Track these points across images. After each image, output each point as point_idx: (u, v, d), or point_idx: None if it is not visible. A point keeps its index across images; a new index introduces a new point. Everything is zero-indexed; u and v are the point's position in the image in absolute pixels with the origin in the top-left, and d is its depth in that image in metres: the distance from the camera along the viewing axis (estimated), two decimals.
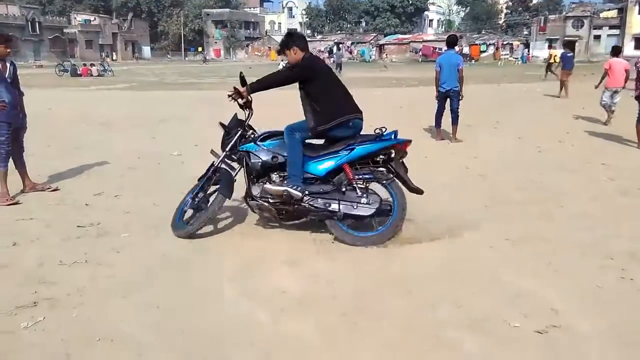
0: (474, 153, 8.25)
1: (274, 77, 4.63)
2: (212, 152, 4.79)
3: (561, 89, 17.09)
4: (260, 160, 4.49)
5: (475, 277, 3.79)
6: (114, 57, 69.50)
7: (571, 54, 18.44)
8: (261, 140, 4.57)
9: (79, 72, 33.11)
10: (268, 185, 4.43)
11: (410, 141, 4.50)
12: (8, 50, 5.62)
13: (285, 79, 4.60)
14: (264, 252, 4.27)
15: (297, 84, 4.56)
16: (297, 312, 3.30)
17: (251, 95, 4.49)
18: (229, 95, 4.48)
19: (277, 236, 4.59)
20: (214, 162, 4.67)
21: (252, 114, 4.67)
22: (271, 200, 4.44)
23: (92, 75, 32.85)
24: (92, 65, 35.32)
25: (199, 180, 4.71)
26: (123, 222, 4.97)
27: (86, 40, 69.97)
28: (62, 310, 3.28)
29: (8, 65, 5.65)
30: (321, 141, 4.62)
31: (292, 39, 4.63)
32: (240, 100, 4.49)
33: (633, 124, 8.53)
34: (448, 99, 9.13)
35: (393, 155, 4.47)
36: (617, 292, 3.54)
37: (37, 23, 64.25)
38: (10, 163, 5.73)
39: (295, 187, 4.33)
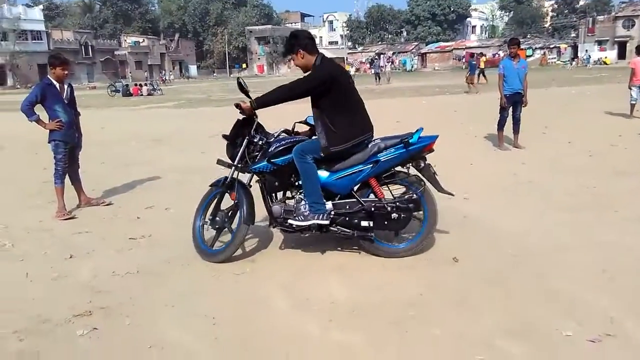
0: (522, 159, 8.06)
1: (285, 89, 4.03)
2: (219, 161, 4.42)
3: (470, 87, 22.78)
4: (277, 180, 4.23)
5: (527, 284, 3.69)
6: (170, 77, 70.48)
7: (474, 62, 25.45)
8: (274, 157, 4.15)
9: (130, 92, 34.35)
10: (293, 221, 4.12)
11: (436, 137, 4.12)
12: (65, 72, 5.92)
13: (298, 92, 4.03)
14: (311, 262, 4.30)
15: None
16: (347, 322, 3.29)
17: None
18: (236, 105, 4.16)
19: (322, 245, 4.60)
20: (226, 176, 4.35)
21: (256, 119, 4.26)
22: (296, 228, 4.19)
23: (142, 94, 34.01)
24: (142, 85, 36.60)
25: (211, 186, 4.49)
26: (173, 234, 5.12)
27: (136, 61, 72.68)
28: (115, 318, 3.40)
29: (65, 87, 5.96)
30: None
31: (297, 40, 4.08)
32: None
33: None
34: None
35: (421, 164, 4.14)
36: None
37: (89, 47, 67.39)
38: (67, 180, 6.02)
39: (321, 217, 4.04)
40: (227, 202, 4.46)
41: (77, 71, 61.66)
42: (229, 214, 4.39)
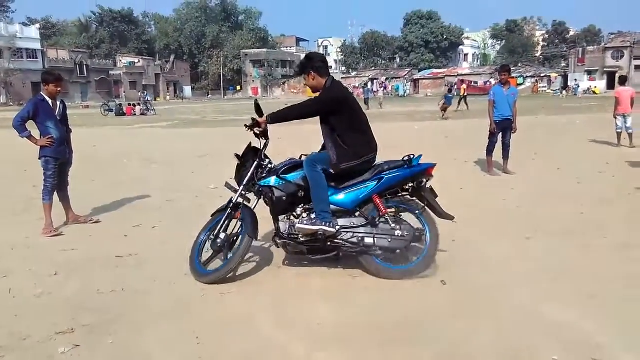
0: (511, 185, 8.13)
1: (297, 108, 4.29)
2: (227, 185, 4.56)
3: (443, 115, 24.35)
4: (286, 195, 4.25)
5: (514, 308, 3.69)
6: (165, 96, 71.28)
7: (450, 95, 26.42)
8: (283, 173, 4.30)
9: (123, 112, 34.38)
10: (300, 225, 4.16)
11: (435, 165, 4.32)
12: (59, 89, 5.93)
13: (309, 111, 4.27)
14: (298, 283, 4.28)
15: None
16: (332, 343, 3.27)
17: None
18: (246, 126, 4.32)
19: (310, 267, 4.59)
20: (231, 197, 4.43)
21: (268, 143, 4.42)
22: (302, 239, 4.24)
23: (135, 114, 34.04)
24: (136, 105, 36.63)
25: (212, 215, 4.54)
26: (160, 252, 5.09)
27: (130, 82, 72.92)
28: (98, 336, 3.35)
29: (58, 103, 5.97)
30: None
31: (311, 62, 4.30)
32: (256, 130, 4.28)
33: None
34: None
35: (423, 182, 4.30)
36: None
37: (85, 66, 67.60)
38: (55, 197, 5.98)
39: (329, 224, 4.12)
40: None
41: (71, 90, 61.65)
42: (232, 239, 4.37)
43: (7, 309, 3.80)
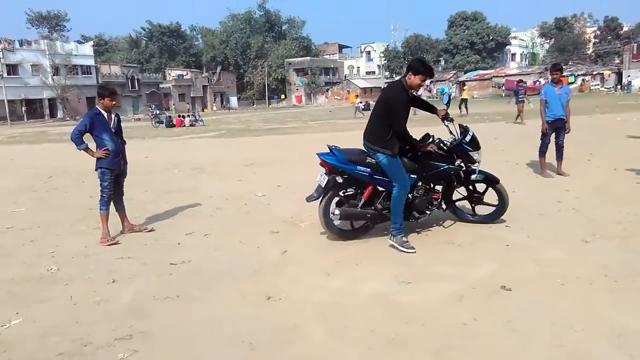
0: (565, 187, 7.84)
1: None
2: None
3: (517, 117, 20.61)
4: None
5: (575, 314, 3.55)
6: (211, 107, 73.08)
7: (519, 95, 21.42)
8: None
9: (173, 123, 35.34)
10: None
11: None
12: (113, 103, 6.15)
13: None
14: (349, 287, 4.26)
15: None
16: (386, 350, 3.23)
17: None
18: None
19: (358, 271, 4.56)
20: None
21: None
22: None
23: (185, 125, 34.92)
24: (185, 116, 37.58)
25: None
26: (213, 259, 5.18)
27: (179, 94, 74.97)
28: (155, 342, 3.44)
29: (113, 116, 6.19)
30: None
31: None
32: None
33: None
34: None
35: None
36: None
37: (136, 80, 70.12)
38: (112, 207, 6.19)
39: None
40: None
41: (123, 103, 63.86)
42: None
43: (69, 316, 3.95)
